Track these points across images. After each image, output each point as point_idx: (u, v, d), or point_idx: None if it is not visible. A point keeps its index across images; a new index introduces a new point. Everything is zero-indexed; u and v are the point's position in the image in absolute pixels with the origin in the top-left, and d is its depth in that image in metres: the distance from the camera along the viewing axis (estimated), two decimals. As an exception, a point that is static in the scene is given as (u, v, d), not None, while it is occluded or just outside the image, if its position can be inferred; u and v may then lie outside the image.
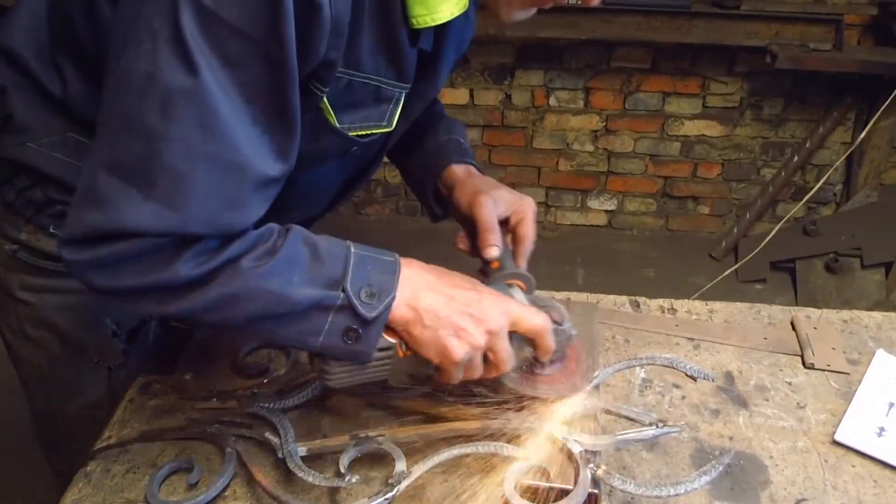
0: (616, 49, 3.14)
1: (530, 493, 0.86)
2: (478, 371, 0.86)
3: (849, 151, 3.16)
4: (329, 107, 0.84)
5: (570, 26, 2.94)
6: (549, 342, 0.89)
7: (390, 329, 0.82)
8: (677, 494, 0.83)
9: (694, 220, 3.55)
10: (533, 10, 0.88)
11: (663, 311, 1.25)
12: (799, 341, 1.17)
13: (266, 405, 0.99)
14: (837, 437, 0.99)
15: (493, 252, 1.00)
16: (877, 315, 1.26)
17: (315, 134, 0.86)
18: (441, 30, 0.89)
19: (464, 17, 0.87)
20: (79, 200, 0.71)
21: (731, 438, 1.00)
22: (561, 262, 3.37)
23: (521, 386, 0.94)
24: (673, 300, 1.28)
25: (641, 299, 1.28)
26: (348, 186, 1.13)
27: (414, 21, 0.81)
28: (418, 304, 0.81)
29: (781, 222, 3.17)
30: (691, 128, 3.31)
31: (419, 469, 0.87)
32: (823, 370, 1.12)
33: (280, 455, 0.91)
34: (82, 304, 1.05)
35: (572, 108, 3.31)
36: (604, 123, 3.33)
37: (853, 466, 0.96)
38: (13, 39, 0.92)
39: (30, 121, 0.94)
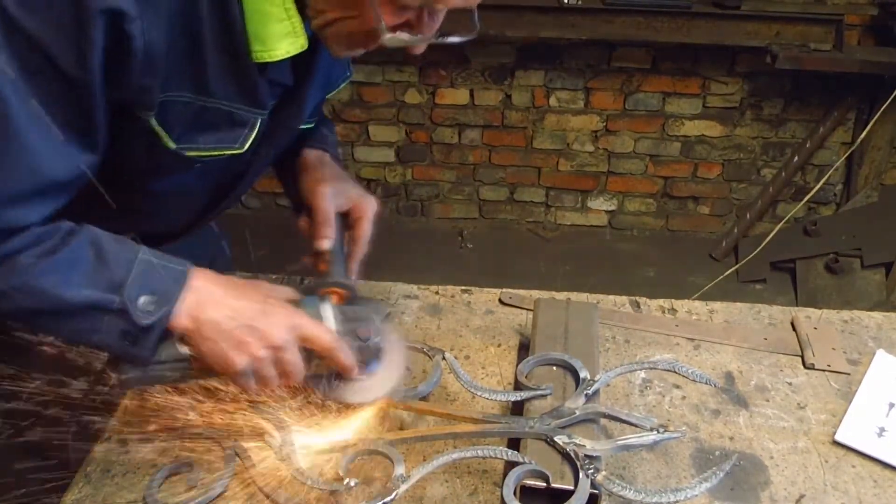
0: (616, 49, 3.14)
1: (530, 497, 0.86)
2: (272, 381, 0.88)
3: (849, 151, 3.16)
4: (160, 127, 0.86)
5: (570, 26, 2.93)
6: (341, 359, 0.89)
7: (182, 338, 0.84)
8: (677, 501, 0.83)
9: (694, 221, 3.55)
10: (362, 50, 0.89)
11: (663, 312, 1.25)
12: (799, 341, 1.17)
13: (266, 407, 0.99)
14: (838, 438, 0.99)
15: (323, 244, 1.01)
16: (877, 315, 1.26)
17: (149, 152, 0.89)
18: (304, 65, 0.93)
19: (328, 57, 0.92)
20: None
21: (731, 439, 1.00)
22: (561, 262, 3.37)
23: (328, 392, 0.95)
24: (673, 300, 1.28)
25: (641, 299, 1.28)
26: (214, 202, 1.12)
27: (254, 55, 0.85)
28: (200, 316, 0.82)
29: (782, 222, 3.17)
30: (691, 128, 3.30)
31: (418, 473, 0.87)
32: (824, 370, 1.12)
33: (279, 458, 0.91)
34: None
35: (572, 109, 3.31)
36: (604, 123, 3.33)
37: (853, 466, 0.96)
38: None
39: None
